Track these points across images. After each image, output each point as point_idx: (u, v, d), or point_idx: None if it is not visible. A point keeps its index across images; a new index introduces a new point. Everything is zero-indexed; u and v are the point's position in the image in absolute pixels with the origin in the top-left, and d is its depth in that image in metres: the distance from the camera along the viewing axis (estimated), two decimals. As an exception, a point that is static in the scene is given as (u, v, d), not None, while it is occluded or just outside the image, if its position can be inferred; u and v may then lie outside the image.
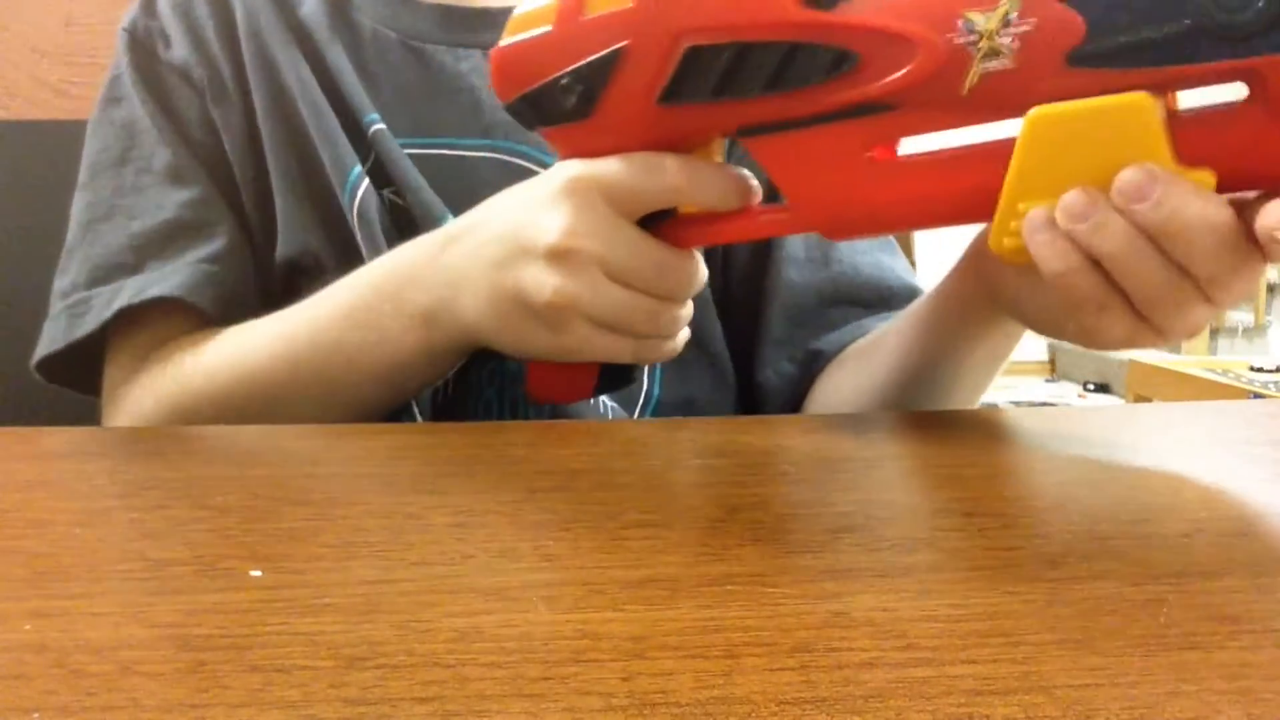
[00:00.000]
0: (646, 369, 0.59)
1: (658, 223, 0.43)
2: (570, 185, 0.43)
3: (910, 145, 0.39)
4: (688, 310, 0.46)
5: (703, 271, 0.46)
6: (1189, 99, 0.33)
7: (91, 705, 0.19)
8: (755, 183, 0.44)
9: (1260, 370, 2.96)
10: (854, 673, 0.20)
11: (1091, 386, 4.69)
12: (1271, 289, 4.30)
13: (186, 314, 0.56)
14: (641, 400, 0.59)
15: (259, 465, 0.38)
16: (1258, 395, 2.60)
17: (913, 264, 0.88)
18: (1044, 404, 4.34)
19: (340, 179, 0.58)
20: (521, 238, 0.44)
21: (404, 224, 0.57)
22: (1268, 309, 4.30)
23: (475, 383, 0.56)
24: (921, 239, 0.90)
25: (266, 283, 0.59)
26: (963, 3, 0.33)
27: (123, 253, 0.57)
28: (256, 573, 0.26)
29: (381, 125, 0.59)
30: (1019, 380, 5.04)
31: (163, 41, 0.62)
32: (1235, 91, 0.32)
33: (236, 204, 0.59)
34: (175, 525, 0.30)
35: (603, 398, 0.57)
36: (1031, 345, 5.33)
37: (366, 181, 0.58)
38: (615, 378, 0.49)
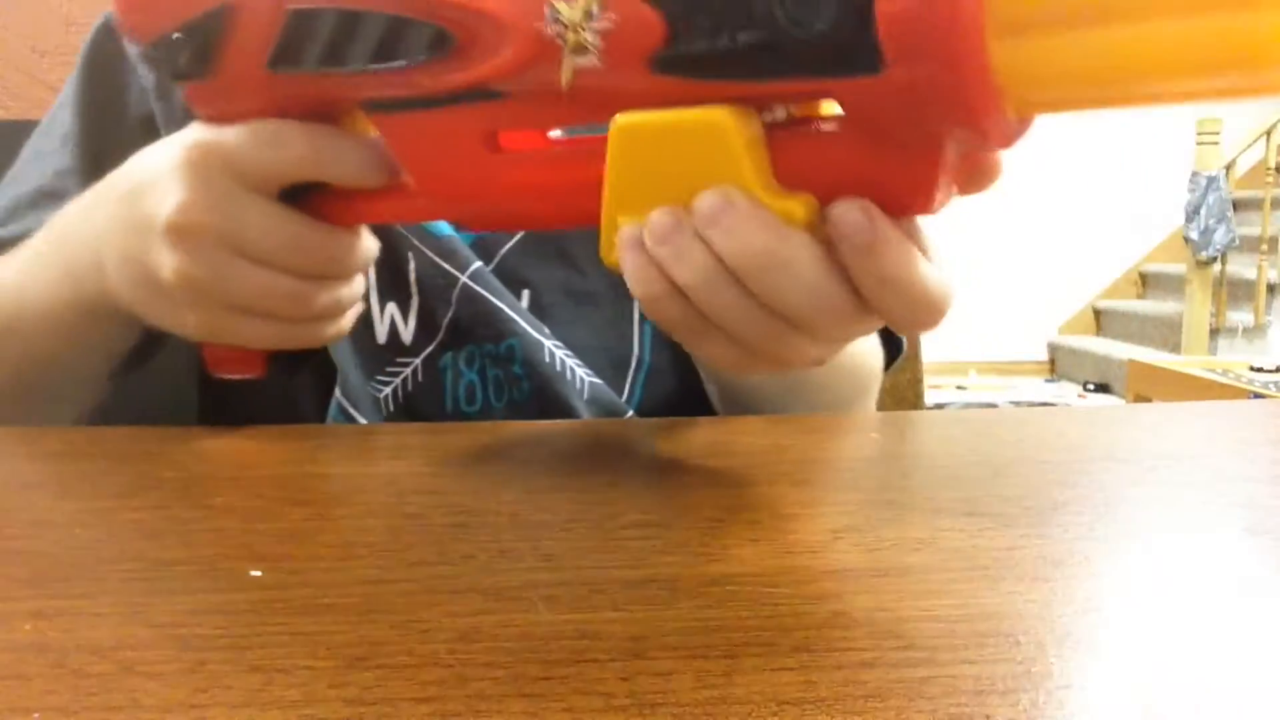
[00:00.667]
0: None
1: (306, 195, 0.40)
2: (190, 154, 0.39)
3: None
4: (352, 290, 0.43)
5: (362, 247, 0.42)
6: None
7: (91, 705, 0.19)
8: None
9: (1260, 370, 2.96)
10: (854, 673, 0.20)
11: (1091, 386, 4.70)
12: (1271, 289, 4.30)
13: None
14: (633, 367, 0.59)
15: (259, 465, 0.38)
16: (1258, 395, 2.60)
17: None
18: (1044, 404, 4.34)
19: None
20: (145, 207, 0.40)
21: None
22: (1268, 309, 4.30)
23: (448, 367, 0.56)
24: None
25: None
26: None
27: (1, 214, 0.56)
28: (256, 573, 0.26)
29: None
30: (1019, 380, 5.04)
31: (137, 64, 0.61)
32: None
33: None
34: (175, 525, 0.30)
35: (586, 372, 0.57)
36: (1031, 345, 5.33)
37: None
38: (285, 360, 0.45)
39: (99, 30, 0.61)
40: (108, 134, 0.59)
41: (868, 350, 0.60)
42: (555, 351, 0.56)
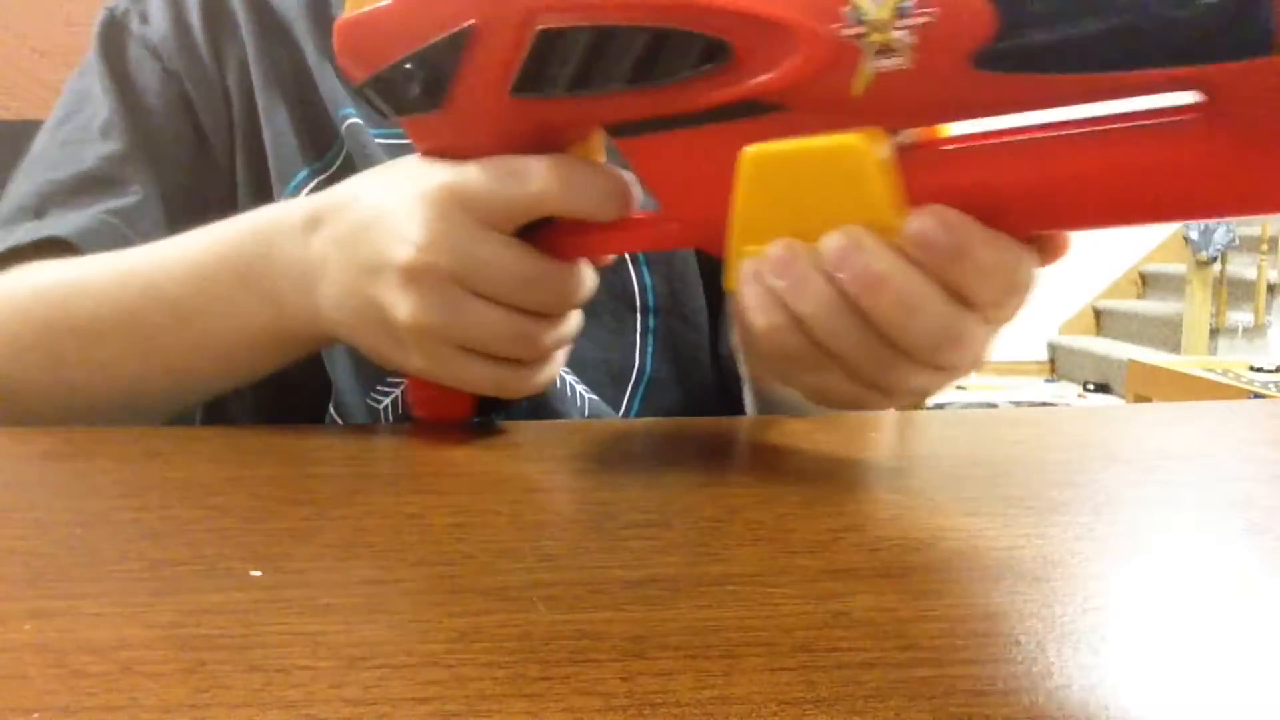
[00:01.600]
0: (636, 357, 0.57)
1: (535, 230, 0.38)
2: (430, 194, 0.38)
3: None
4: (568, 328, 0.42)
5: (586, 282, 0.40)
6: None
7: (91, 705, 0.19)
8: (639, 188, 0.38)
9: (1260, 370, 2.96)
10: (854, 673, 0.20)
11: (1091, 386, 4.70)
12: (1271, 289, 4.30)
13: None
14: (633, 379, 0.59)
15: (259, 465, 0.38)
16: (1258, 395, 2.60)
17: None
18: (1044, 404, 4.34)
19: (282, 183, 0.56)
20: (379, 245, 0.39)
21: None
22: (1268, 309, 4.30)
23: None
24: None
25: None
26: None
27: (29, 198, 0.54)
28: (256, 573, 0.26)
29: (356, 119, 0.57)
30: (1019, 380, 5.04)
31: (139, 18, 0.60)
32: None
33: (167, 172, 0.57)
34: (175, 525, 0.30)
35: (584, 389, 0.57)
36: (1031, 345, 5.33)
37: (313, 185, 0.56)
38: (491, 402, 0.44)
39: (105, 22, 0.61)
40: (148, 119, 0.58)
41: None
42: (565, 377, 0.56)
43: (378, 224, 0.39)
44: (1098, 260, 5.36)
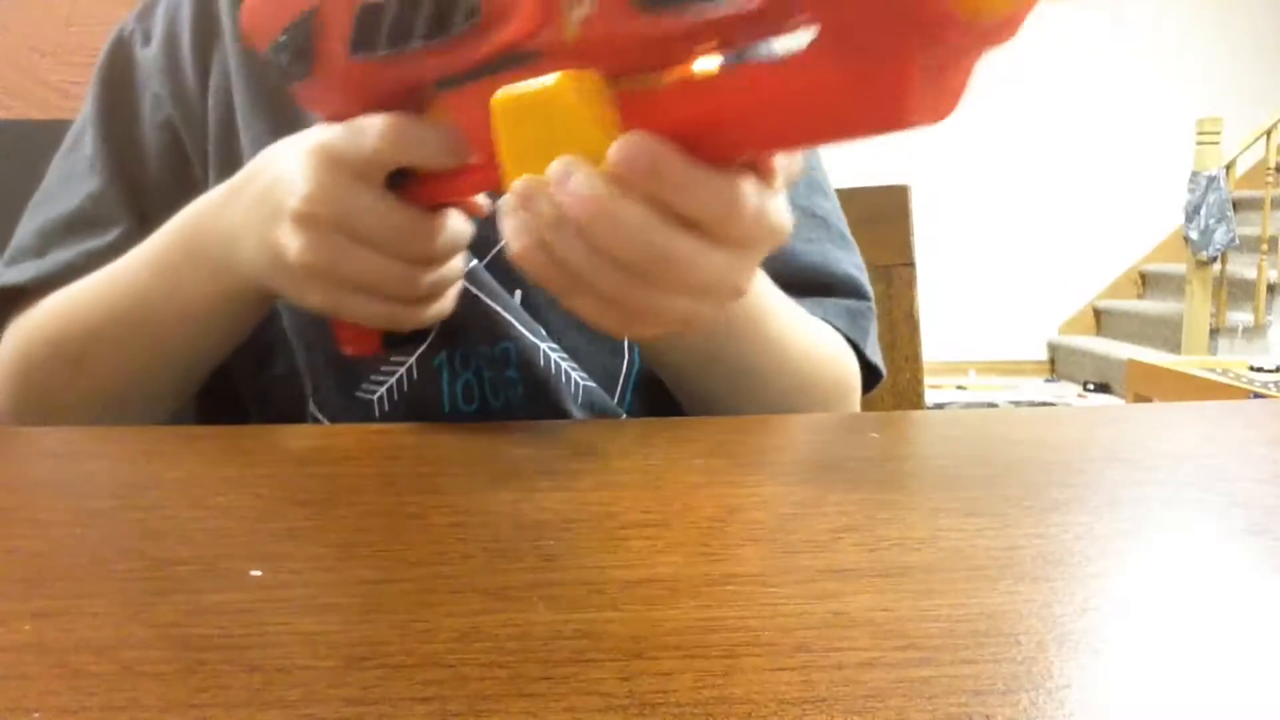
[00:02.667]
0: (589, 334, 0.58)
1: (407, 184, 0.44)
2: (311, 150, 0.43)
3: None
4: (452, 270, 0.47)
5: (458, 230, 0.45)
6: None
7: (91, 705, 0.19)
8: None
9: (1260, 370, 2.96)
10: (854, 673, 0.20)
11: (1091, 386, 4.70)
12: (1271, 289, 4.30)
13: None
14: (624, 370, 0.59)
15: (259, 465, 0.38)
16: (1258, 395, 2.60)
17: (911, 254, 0.88)
18: (1044, 404, 4.34)
19: None
20: (276, 196, 0.45)
21: None
22: (1268, 309, 4.30)
23: (444, 365, 0.56)
24: (921, 240, 0.89)
25: None
26: None
27: (32, 237, 0.61)
28: (256, 573, 0.26)
29: None
30: (1019, 380, 5.04)
31: (142, 38, 0.62)
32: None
33: (149, 204, 0.61)
34: (175, 525, 0.30)
35: (580, 375, 0.57)
36: (1031, 345, 5.33)
37: None
38: (398, 338, 0.51)
39: (112, 44, 0.63)
40: (130, 150, 0.62)
41: (830, 357, 0.59)
42: (550, 354, 0.56)
43: (278, 181, 0.46)
44: (1098, 260, 5.36)
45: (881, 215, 0.84)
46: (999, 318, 5.29)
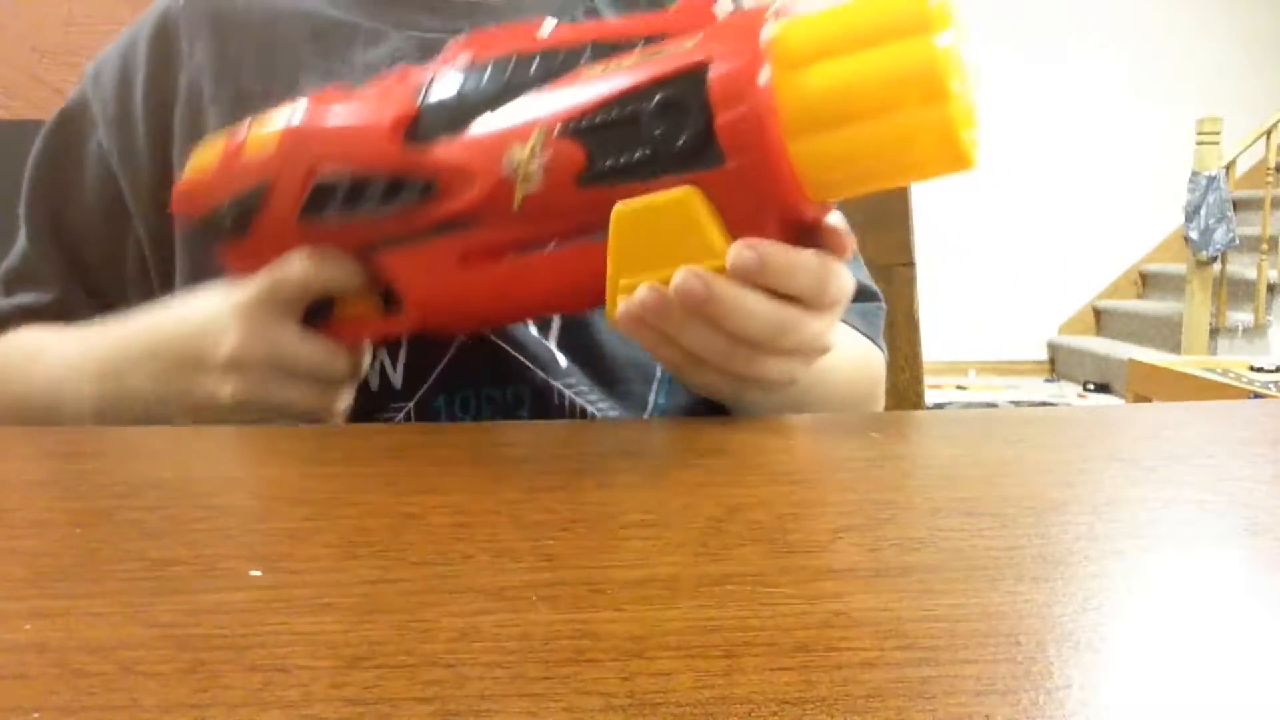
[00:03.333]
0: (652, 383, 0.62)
1: (320, 321, 0.51)
2: (235, 300, 0.50)
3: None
4: (352, 392, 0.52)
5: (361, 361, 0.52)
6: None
7: (91, 705, 0.19)
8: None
9: (1260, 370, 2.96)
10: (854, 673, 0.20)
11: (1091, 386, 4.70)
12: (1271, 289, 4.30)
13: None
14: (659, 374, 0.59)
15: (259, 465, 0.38)
16: (1258, 395, 2.60)
17: (912, 255, 0.88)
18: (1044, 404, 4.34)
19: None
20: (198, 350, 0.50)
21: None
22: (1268, 309, 4.30)
23: (441, 409, 0.56)
24: (921, 240, 0.90)
25: None
26: (506, 141, 0.44)
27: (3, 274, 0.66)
28: (256, 573, 0.26)
29: None
30: (1019, 380, 5.04)
31: (99, 104, 0.64)
32: None
33: (81, 267, 0.65)
34: (175, 525, 0.30)
35: (597, 409, 0.57)
36: (1031, 345, 5.33)
37: None
38: None
39: (65, 111, 0.67)
40: (65, 215, 0.65)
41: (863, 360, 0.63)
42: (565, 392, 0.56)
43: (199, 336, 0.51)
44: (1098, 260, 5.36)
45: (881, 215, 0.84)
46: (999, 318, 5.29)
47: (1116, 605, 0.24)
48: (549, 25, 0.48)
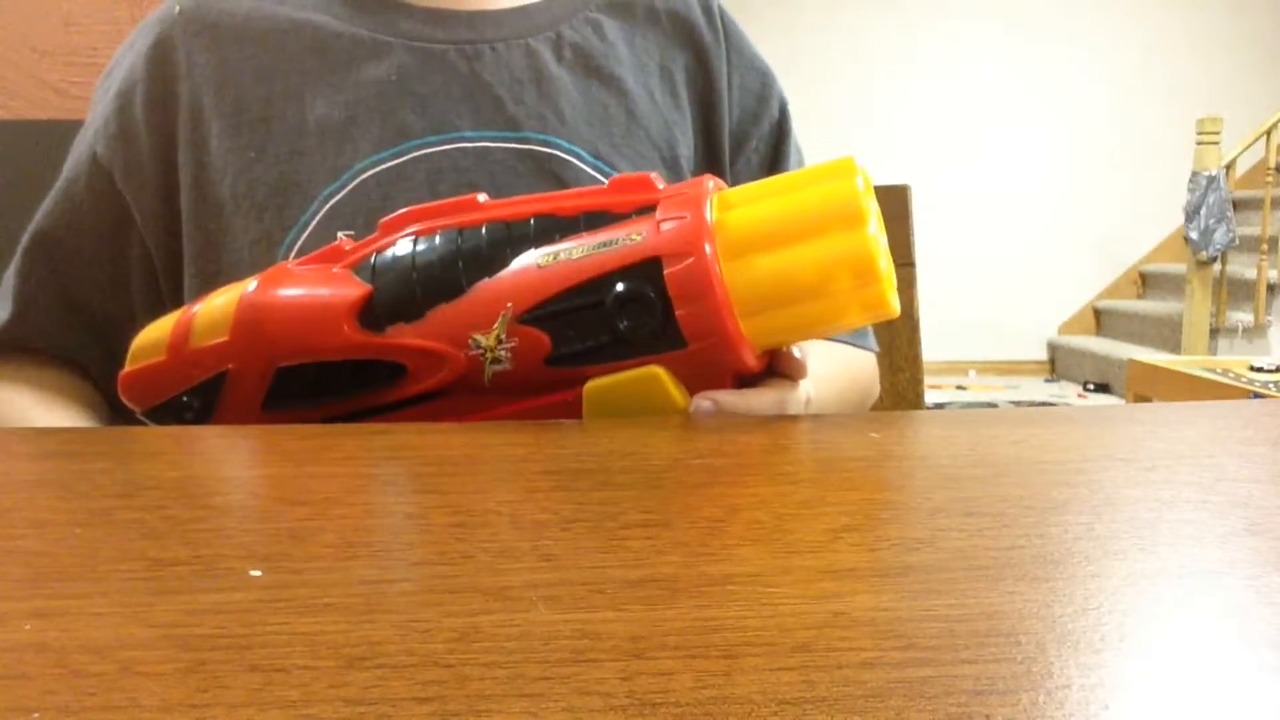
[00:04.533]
0: None
1: None
2: None
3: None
4: None
5: None
6: None
7: (91, 705, 0.19)
8: None
9: (1260, 370, 2.96)
10: (854, 673, 0.20)
11: (1091, 386, 4.70)
12: (1272, 289, 4.30)
13: None
14: None
15: (259, 465, 0.38)
16: (1258, 395, 2.60)
17: (912, 255, 0.88)
18: (1044, 404, 4.34)
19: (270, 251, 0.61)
20: None
21: None
22: (1268, 309, 4.30)
23: None
24: (921, 240, 0.90)
25: None
26: (469, 328, 0.47)
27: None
28: (256, 573, 0.26)
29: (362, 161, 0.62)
30: (1019, 380, 5.04)
31: (101, 121, 0.65)
32: None
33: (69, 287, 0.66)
34: (175, 525, 0.30)
35: None
36: (1031, 345, 5.33)
37: (300, 243, 0.60)
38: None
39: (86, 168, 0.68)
40: (76, 239, 0.67)
41: (854, 370, 0.64)
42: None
43: None
44: (1098, 260, 5.36)
45: (882, 215, 0.84)
46: (999, 318, 5.29)
47: (1116, 605, 0.24)
48: (483, 196, 0.51)
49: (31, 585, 0.25)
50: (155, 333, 0.52)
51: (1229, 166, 4.47)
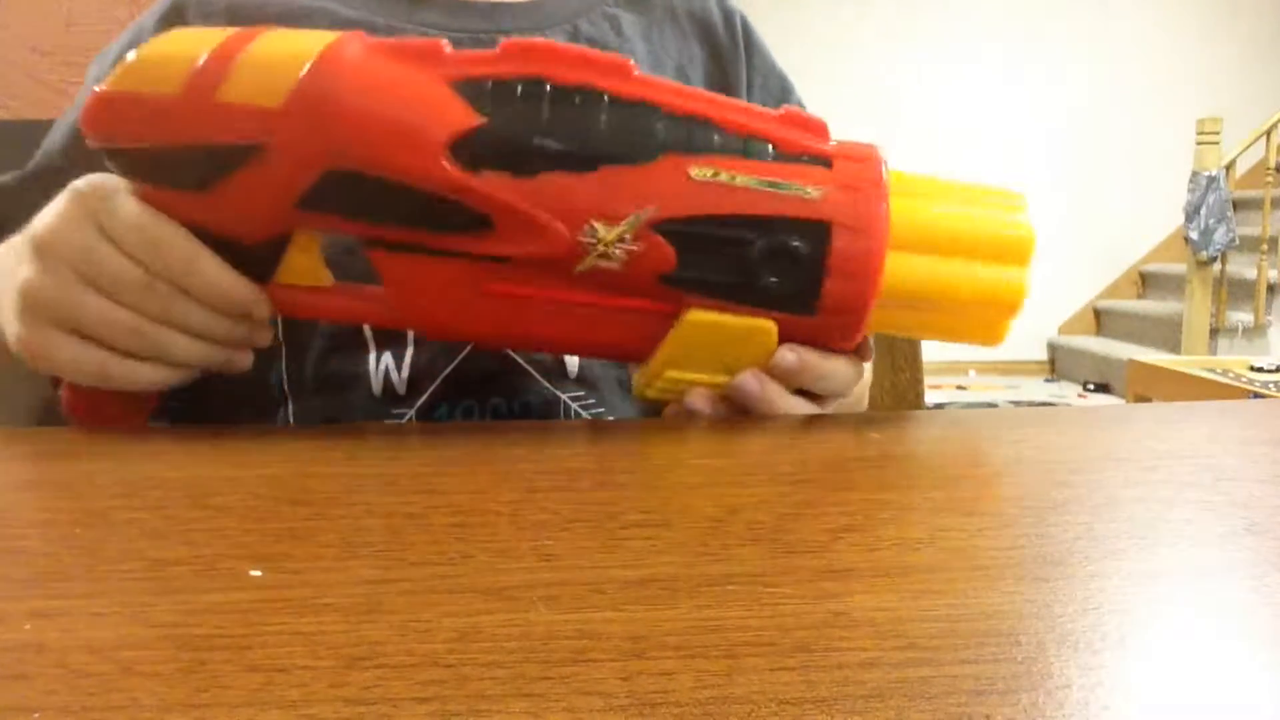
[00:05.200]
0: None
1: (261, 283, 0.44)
2: (76, 189, 0.42)
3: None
4: (195, 347, 0.44)
5: (239, 300, 0.43)
6: None
7: (91, 705, 0.19)
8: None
9: (1260, 370, 2.96)
10: (854, 673, 0.20)
11: (1091, 386, 4.69)
12: (1272, 289, 4.30)
13: None
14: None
15: (259, 465, 0.38)
16: (1258, 395, 2.59)
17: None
18: (1044, 404, 4.34)
19: None
20: (30, 229, 0.43)
21: None
22: (1268, 309, 4.30)
23: (444, 419, 0.56)
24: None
25: None
26: (588, 212, 0.41)
27: None
28: (256, 573, 0.26)
29: None
30: (1019, 380, 5.03)
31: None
32: None
33: None
34: (175, 525, 0.30)
35: (588, 413, 0.57)
36: (1031, 345, 5.33)
37: None
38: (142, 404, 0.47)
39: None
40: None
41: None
42: (571, 404, 0.56)
43: (39, 216, 0.43)
44: (1098, 260, 5.36)
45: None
46: (999, 318, 5.28)
47: (1116, 605, 0.24)
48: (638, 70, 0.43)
49: (31, 585, 0.25)
50: (172, 50, 0.41)
51: (1229, 166, 4.47)
